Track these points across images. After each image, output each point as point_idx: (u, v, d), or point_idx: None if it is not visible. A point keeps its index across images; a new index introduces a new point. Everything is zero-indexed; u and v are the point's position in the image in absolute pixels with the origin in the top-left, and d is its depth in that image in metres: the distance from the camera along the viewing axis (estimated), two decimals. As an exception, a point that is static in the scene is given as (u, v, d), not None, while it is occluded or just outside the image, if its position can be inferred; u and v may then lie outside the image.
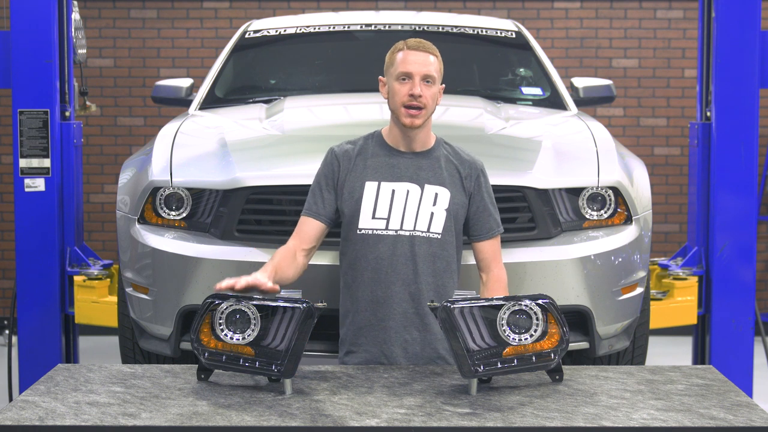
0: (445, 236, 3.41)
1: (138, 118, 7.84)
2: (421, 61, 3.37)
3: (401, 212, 3.39)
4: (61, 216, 5.01)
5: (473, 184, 3.45)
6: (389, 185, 3.40)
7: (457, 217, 3.43)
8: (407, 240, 3.38)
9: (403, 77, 3.37)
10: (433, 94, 3.39)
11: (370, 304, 3.40)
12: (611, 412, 2.76)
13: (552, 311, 3.00)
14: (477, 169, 3.48)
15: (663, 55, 7.84)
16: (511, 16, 7.70)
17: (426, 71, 3.37)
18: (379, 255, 3.38)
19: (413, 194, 3.40)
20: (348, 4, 7.87)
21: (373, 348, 3.41)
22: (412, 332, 3.40)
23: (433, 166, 3.43)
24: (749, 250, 5.02)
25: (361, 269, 3.40)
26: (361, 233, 3.40)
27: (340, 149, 3.48)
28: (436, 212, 3.40)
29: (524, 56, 5.44)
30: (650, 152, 7.76)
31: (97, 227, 7.75)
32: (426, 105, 3.36)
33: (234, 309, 2.99)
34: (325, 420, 2.68)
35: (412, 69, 3.36)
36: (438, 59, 3.42)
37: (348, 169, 3.43)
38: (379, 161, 3.43)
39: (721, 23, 5.05)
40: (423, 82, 3.36)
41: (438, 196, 3.40)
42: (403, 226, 3.38)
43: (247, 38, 5.45)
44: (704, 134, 5.17)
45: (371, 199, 3.40)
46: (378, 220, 3.39)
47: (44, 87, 4.97)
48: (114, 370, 3.15)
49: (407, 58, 3.38)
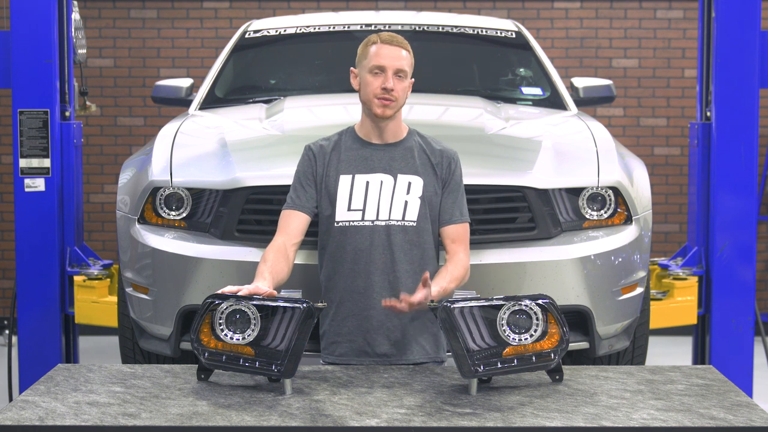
0: (421, 223, 3.45)
1: (138, 118, 7.84)
2: (394, 56, 3.43)
3: (376, 203, 3.44)
4: (61, 216, 5.01)
5: (445, 170, 3.50)
6: (363, 177, 3.45)
7: (431, 204, 3.47)
8: (383, 229, 3.43)
9: (376, 70, 3.43)
10: (404, 88, 3.45)
11: (351, 295, 3.44)
12: (611, 412, 2.76)
13: (552, 311, 3.00)
14: (449, 157, 3.52)
15: (663, 55, 7.84)
16: (511, 16, 7.70)
17: (398, 65, 3.42)
18: (357, 246, 3.43)
19: (387, 184, 3.45)
20: (348, 4, 7.87)
21: (357, 337, 3.45)
22: (393, 320, 3.43)
23: (406, 156, 3.48)
24: (749, 250, 5.02)
25: (341, 261, 3.45)
26: (338, 226, 3.45)
27: (316, 146, 3.54)
28: (410, 200, 3.45)
29: (524, 56, 5.43)
30: (650, 152, 7.76)
31: (97, 227, 7.75)
32: (397, 98, 3.43)
33: (234, 309, 2.99)
34: (325, 420, 2.68)
35: (385, 63, 3.42)
36: (410, 54, 3.48)
37: (324, 165, 3.48)
38: (353, 154, 3.49)
39: (721, 23, 5.04)
40: (395, 76, 3.42)
41: (411, 184, 3.45)
42: (378, 216, 3.43)
43: (247, 38, 5.44)
44: (704, 134, 5.17)
45: (346, 192, 3.45)
46: (354, 212, 3.44)
47: (44, 87, 4.97)
48: (114, 370, 3.15)
49: (380, 51, 3.43)
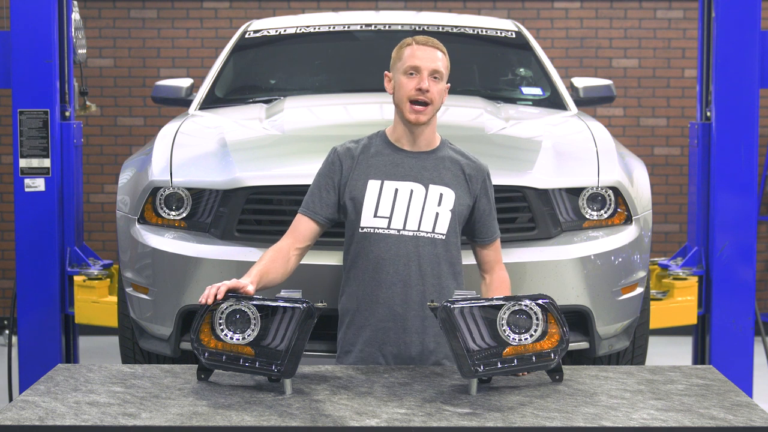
0: (450, 237, 3.37)
1: (138, 118, 7.84)
2: (429, 57, 3.35)
3: (404, 212, 3.34)
4: (61, 216, 5.01)
5: (479, 187, 3.41)
6: (392, 184, 3.35)
7: (461, 218, 3.39)
8: (411, 240, 3.33)
9: (411, 71, 3.34)
10: (440, 91, 3.36)
11: (369, 304, 3.36)
12: (611, 412, 2.76)
13: (552, 311, 3.00)
14: (483, 172, 3.44)
15: (663, 55, 7.84)
16: (511, 16, 7.70)
17: (434, 66, 3.34)
18: (380, 254, 3.33)
19: (417, 194, 3.35)
20: (348, 4, 7.87)
21: (370, 348, 3.37)
22: (411, 335, 3.35)
23: (438, 166, 3.39)
24: (749, 250, 5.02)
25: (362, 268, 3.36)
26: (362, 232, 3.35)
27: (343, 148, 3.43)
28: (441, 213, 3.36)
29: (524, 56, 5.44)
30: (650, 152, 7.76)
31: (97, 227, 7.75)
32: (433, 100, 3.33)
33: (234, 309, 2.99)
34: (325, 420, 2.68)
35: (420, 63, 3.34)
36: (445, 56, 3.40)
37: (351, 168, 3.38)
38: (383, 159, 3.39)
39: (721, 23, 5.04)
40: (431, 77, 3.34)
41: (443, 196, 3.36)
42: (406, 226, 3.34)
43: (247, 38, 5.45)
44: (704, 134, 5.17)
45: (373, 198, 3.35)
46: (380, 219, 3.34)
47: (44, 87, 4.97)
48: (114, 370, 3.15)
49: (416, 53, 3.35)
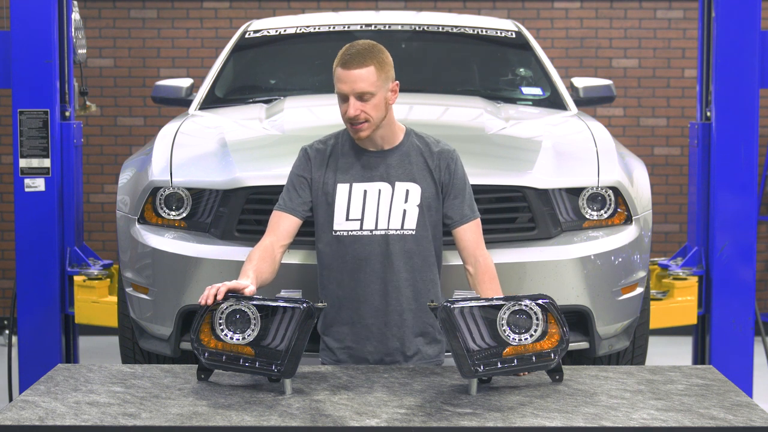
0: (420, 231, 3.42)
1: (138, 118, 7.84)
2: (353, 79, 3.29)
3: (375, 212, 3.40)
4: (61, 216, 5.01)
5: (443, 173, 3.43)
6: (361, 186, 3.41)
7: (430, 210, 3.43)
8: (382, 239, 3.40)
9: (341, 97, 3.33)
10: (375, 105, 3.31)
11: (349, 303, 3.43)
12: (611, 412, 2.76)
13: (552, 311, 3.00)
14: (447, 157, 3.44)
15: (663, 55, 7.84)
16: (511, 16, 7.70)
17: (359, 89, 3.29)
18: (356, 255, 3.40)
19: (385, 193, 3.41)
20: (348, 4, 7.87)
21: (354, 344, 3.44)
22: (392, 329, 3.42)
23: (403, 162, 3.42)
24: (749, 250, 5.02)
25: (339, 269, 3.42)
26: (336, 235, 3.42)
27: (312, 149, 3.47)
28: (408, 209, 3.41)
29: (524, 56, 5.43)
30: (650, 152, 7.76)
31: (97, 227, 7.75)
32: (368, 118, 3.32)
33: (234, 309, 2.99)
34: (325, 420, 2.68)
35: (344, 89, 3.30)
36: (375, 66, 3.30)
37: (321, 168, 3.43)
38: (350, 161, 3.43)
39: (721, 23, 5.04)
40: (359, 100, 3.30)
41: (409, 192, 3.41)
42: (377, 226, 3.40)
43: (247, 38, 5.44)
44: (704, 134, 5.17)
45: (344, 201, 3.41)
46: (352, 222, 3.40)
47: (44, 87, 4.97)
48: (114, 370, 3.15)
49: (339, 76, 3.31)
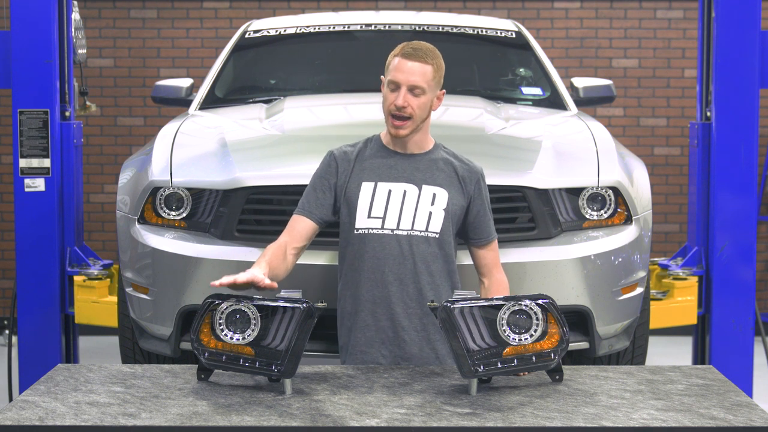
0: (444, 236, 3.39)
1: (138, 118, 7.84)
2: (410, 71, 3.32)
3: (398, 212, 3.37)
4: (61, 216, 5.01)
5: (473, 188, 3.43)
6: (386, 185, 3.39)
7: (455, 218, 3.41)
8: (405, 239, 3.36)
9: (392, 86, 3.34)
10: (422, 104, 3.33)
11: (368, 305, 3.39)
12: (611, 412, 2.76)
13: (552, 311, 3.00)
14: (476, 173, 3.45)
15: (663, 55, 7.84)
16: (511, 16, 7.70)
17: (413, 82, 3.31)
18: (376, 254, 3.36)
19: (410, 194, 3.38)
20: (348, 4, 7.87)
21: (371, 348, 3.40)
22: (410, 333, 3.39)
23: (431, 168, 3.41)
24: (749, 250, 5.02)
25: (359, 269, 3.39)
26: (357, 233, 3.39)
27: (339, 152, 3.47)
28: (434, 212, 3.38)
29: (524, 56, 5.44)
30: (650, 152, 7.76)
31: (97, 227, 7.75)
32: (412, 115, 3.33)
33: (234, 309, 2.99)
34: (325, 420, 2.68)
35: (399, 78, 3.32)
36: (434, 67, 3.35)
37: (347, 171, 3.42)
38: (376, 162, 3.42)
39: (721, 23, 5.04)
40: (410, 93, 3.32)
41: (436, 196, 3.39)
42: (399, 226, 3.37)
43: (247, 38, 5.44)
44: (704, 134, 5.17)
45: (367, 199, 3.38)
46: (374, 219, 3.37)
47: (44, 87, 4.97)
48: (114, 370, 3.15)
49: (398, 66, 3.33)
